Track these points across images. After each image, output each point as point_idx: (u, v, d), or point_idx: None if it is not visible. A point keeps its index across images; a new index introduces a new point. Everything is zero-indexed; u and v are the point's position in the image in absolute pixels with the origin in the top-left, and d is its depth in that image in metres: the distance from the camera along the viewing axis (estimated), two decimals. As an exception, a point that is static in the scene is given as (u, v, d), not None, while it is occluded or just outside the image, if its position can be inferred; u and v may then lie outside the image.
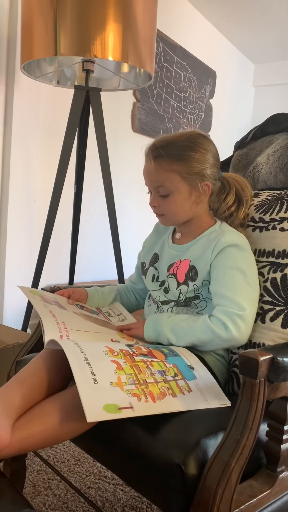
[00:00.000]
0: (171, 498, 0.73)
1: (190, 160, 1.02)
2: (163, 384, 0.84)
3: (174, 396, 0.83)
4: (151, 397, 0.80)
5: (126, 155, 2.86)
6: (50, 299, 1.11)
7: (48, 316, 0.99)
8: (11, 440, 0.74)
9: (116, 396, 0.77)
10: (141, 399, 0.79)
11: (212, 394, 0.87)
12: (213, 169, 1.05)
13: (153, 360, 0.90)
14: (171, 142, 1.03)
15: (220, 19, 3.46)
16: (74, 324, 1.01)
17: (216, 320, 0.97)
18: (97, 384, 0.77)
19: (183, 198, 1.04)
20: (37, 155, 2.23)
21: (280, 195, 1.11)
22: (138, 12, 1.69)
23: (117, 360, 0.86)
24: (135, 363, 0.87)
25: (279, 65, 4.20)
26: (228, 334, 0.95)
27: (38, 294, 1.11)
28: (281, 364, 0.73)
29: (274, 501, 0.79)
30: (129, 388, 0.80)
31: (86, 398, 0.74)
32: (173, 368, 0.90)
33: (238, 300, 0.97)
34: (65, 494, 1.28)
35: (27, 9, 1.70)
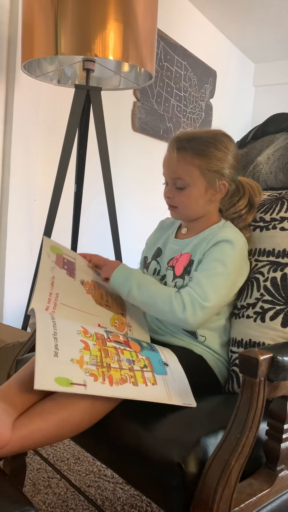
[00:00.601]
0: (171, 497, 0.73)
1: (212, 157, 1.03)
2: (127, 372, 0.84)
3: (135, 385, 0.83)
4: (109, 380, 0.80)
5: (126, 154, 2.86)
6: (66, 260, 1.11)
7: (44, 284, 1.00)
8: (11, 438, 0.75)
9: (71, 372, 0.78)
10: (97, 379, 0.79)
11: (178, 392, 0.87)
12: (231, 170, 1.07)
13: (125, 349, 0.91)
14: (196, 137, 1.05)
15: (221, 18, 3.46)
16: (68, 299, 1.01)
17: (179, 298, 0.99)
18: (57, 357, 0.79)
19: (199, 194, 1.06)
20: (37, 154, 2.23)
21: (281, 195, 1.12)
22: (139, 11, 1.69)
23: (87, 341, 0.86)
24: (105, 347, 0.88)
25: (280, 65, 4.19)
26: (183, 316, 0.98)
27: (57, 252, 1.11)
28: (281, 363, 0.73)
29: (274, 500, 0.80)
30: (88, 367, 0.81)
31: (40, 366, 0.75)
32: (144, 360, 0.90)
33: (208, 291, 0.98)
34: (65, 492, 1.28)
35: (28, 8, 1.70)
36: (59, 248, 1.14)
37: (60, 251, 1.13)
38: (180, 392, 0.87)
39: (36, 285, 0.99)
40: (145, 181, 2.98)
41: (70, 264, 1.11)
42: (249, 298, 1.04)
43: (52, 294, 0.99)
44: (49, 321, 0.86)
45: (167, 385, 0.87)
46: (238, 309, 1.06)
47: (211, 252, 1.03)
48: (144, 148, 2.98)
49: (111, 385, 0.80)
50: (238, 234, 1.06)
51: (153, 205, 3.06)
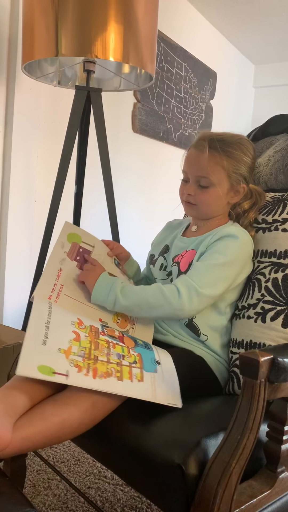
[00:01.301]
0: (172, 498, 0.73)
1: (240, 160, 1.06)
2: (114, 366, 0.84)
3: (119, 380, 0.82)
4: (93, 373, 0.80)
5: (126, 155, 2.86)
6: (82, 250, 1.10)
7: (50, 274, 1.00)
8: (12, 439, 0.74)
9: (56, 361, 0.78)
10: (81, 371, 0.79)
11: (165, 391, 0.85)
12: (250, 175, 1.11)
13: (118, 343, 0.91)
14: (226, 139, 1.07)
15: (221, 20, 3.47)
16: (73, 291, 1.02)
17: (172, 286, 0.99)
18: (44, 346, 0.79)
19: (222, 194, 1.07)
20: (37, 155, 2.23)
21: (283, 196, 1.12)
22: (139, 13, 1.69)
23: (79, 332, 0.87)
24: (97, 340, 0.88)
25: (280, 66, 4.20)
26: (178, 302, 0.97)
27: (74, 241, 1.10)
28: (282, 364, 0.73)
29: (274, 502, 0.80)
30: (74, 358, 0.81)
31: (25, 353, 0.76)
32: (135, 356, 0.90)
33: (205, 279, 0.99)
34: (65, 494, 1.28)
35: (28, 9, 1.70)
36: (79, 235, 1.13)
37: (78, 238, 1.12)
38: (167, 391, 0.86)
39: (42, 274, 1.00)
40: (146, 182, 2.98)
41: (85, 253, 1.11)
42: (250, 298, 1.04)
43: (57, 284, 1.00)
44: (45, 310, 0.87)
45: (154, 383, 0.86)
46: (239, 310, 1.06)
47: (215, 245, 1.04)
48: (145, 149, 2.98)
49: (94, 377, 0.80)
50: (242, 231, 1.07)
51: (154, 206, 3.06)
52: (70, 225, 1.14)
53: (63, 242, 1.09)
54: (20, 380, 0.86)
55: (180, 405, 0.84)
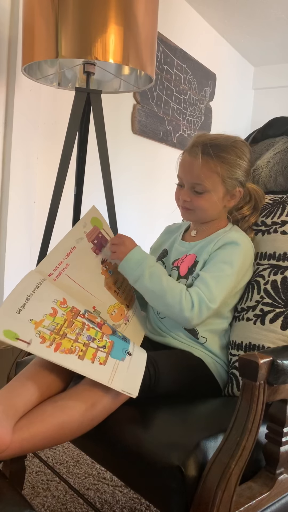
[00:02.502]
0: (171, 500, 0.73)
1: (234, 165, 1.05)
2: (80, 345, 0.85)
3: (80, 359, 0.83)
4: (56, 347, 0.82)
5: (126, 157, 2.86)
6: (100, 236, 1.11)
7: (59, 253, 1.01)
8: (12, 441, 0.75)
9: (23, 329, 0.80)
10: (44, 343, 0.81)
11: (123, 379, 0.83)
12: (247, 178, 1.09)
13: (94, 328, 0.92)
14: (220, 144, 1.05)
15: (220, 22, 3.47)
16: (76, 273, 1.03)
17: (189, 297, 0.99)
18: (18, 314, 0.82)
19: (217, 199, 1.06)
20: (37, 157, 2.23)
21: (282, 199, 1.12)
22: (139, 14, 1.70)
23: (58, 309, 0.88)
24: (73, 320, 0.89)
25: (279, 68, 4.20)
26: (189, 314, 0.98)
27: (95, 224, 1.11)
28: (281, 366, 0.74)
29: (273, 503, 0.80)
30: (42, 330, 0.83)
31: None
32: (107, 342, 0.90)
33: (215, 293, 0.99)
34: (64, 495, 1.28)
35: (28, 11, 1.70)
36: (101, 222, 1.14)
37: (100, 224, 1.13)
38: (125, 379, 0.84)
39: (54, 248, 1.00)
40: (145, 183, 2.99)
41: (103, 240, 1.12)
42: (249, 301, 1.04)
43: (62, 263, 1.01)
44: (33, 283, 0.90)
45: (116, 369, 0.85)
46: (238, 312, 1.07)
47: (218, 253, 1.04)
48: (144, 150, 2.99)
49: (55, 351, 0.81)
50: (244, 237, 1.07)
51: (153, 207, 3.07)
52: (96, 210, 1.14)
53: (86, 223, 1.09)
54: (20, 381, 0.87)
55: (134, 394, 0.82)
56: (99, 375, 0.82)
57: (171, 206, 1.35)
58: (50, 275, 0.98)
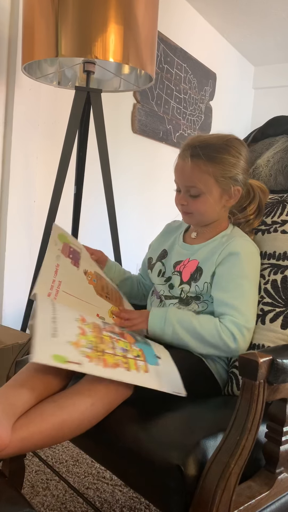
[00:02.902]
0: (170, 499, 0.73)
1: (227, 164, 1.02)
2: (121, 358, 0.85)
3: (127, 370, 0.83)
4: (104, 363, 0.81)
5: (126, 156, 2.86)
6: (72, 249, 1.12)
7: (48, 271, 1.01)
8: (11, 440, 0.75)
9: (68, 352, 0.79)
10: (92, 361, 0.80)
11: (168, 381, 0.87)
12: (244, 175, 1.06)
13: (120, 339, 0.92)
14: (209, 143, 1.03)
15: (221, 21, 3.47)
16: (70, 287, 1.03)
17: (226, 329, 0.97)
18: (55, 338, 0.81)
19: (214, 200, 1.04)
20: (37, 156, 2.23)
21: (282, 198, 1.12)
22: (139, 13, 1.69)
23: (84, 328, 0.88)
24: (101, 335, 0.89)
25: (279, 68, 4.20)
26: (235, 345, 0.96)
27: (64, 241, 1.12)
28: (281, 365, 0.73)
29: (273, 503, 0.80)
30: (84, 350, 0.82)
31: (39, 342, 0.77)
32: (138, 351, 0.91)
33: (247, 312, 0.98)
34: (63, 494, 1.28)
35: (28, 10, 1.70)
36: (67, 237, 1.15)
37: (68, 240, 1.14)
38: (170, 381, 0.87)
39: (40, 271, 1.00)
40: (145, 183, 2.99)
41: (76, 254, 1.12)
42: (249, 300, 1.04)
43: (55, 281, 1.00)
44: (49, 306, 0.88)
45: (158, 374, 0.87)
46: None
47: (226, 268, 1.01)
48: (144, 150, 2.99)
49: (105, 367, 0.81)
50: (248, 242, 1.06)
51: (153, 206, 3.06)
52: (58, 228, 1.15)
53: (56, 241, 1.10)
54: (19, 380, 0.86)
55: (184, 393, 0.86)
56: (149, 382, 0.84)
57: (171, 205, 1.35)
58: (49, 295, 0.97)
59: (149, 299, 1.20)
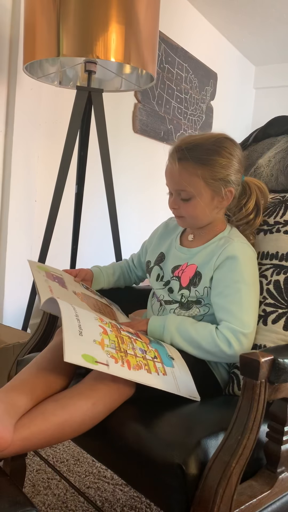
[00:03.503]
0: (172, 498, 0.73)
1: (216, 165, 0.99)
2: (141, 360, 0.86)
3: (149, 372, 0.84)
4: (128, 365, 0.82)
5: (127, 156, 2.86)
6: (55, 276, 1.13)
7: (45, 289, 1.01)
8: (13, 439, 0.75)
9: (96, 351, 0.79)
10: (118, 362, 0.81)
11: (185, 385, 0.89)
12: (237, 175, 1.03)
13: (137, 339, 0.93)
14: (197, 145, 1.00)
15: (222, 21, 3.47)
16: (69, 301, 1.02)
17: (221, 335, 0.96)
18: (82, 336, 0.81)
19: (205, 203, 1.02)
20: (38, 155, 2.23)
21: (284, 198, 1.12)
22: (141, 13, 1.70)
23: (104, 327, 0.88)
24: (120, 335, 0.90)
25: (280, 67, 4.20)
26: (231, 351, 0.95)
27: (44, 270, 1.12)
28: (282, 365, 0.74)
29: (274, 502, 0.80)
30: (109, 350, 0.82)
31: (69, 341, 0.77)
32: (154, 352, 0.92)
33: (243, 317, 0.96)
34: (64, 493, 1.28)
35: (30, 10, 1.70)
36: (45, 267, 1.16)
37: (47, 269, 1.15)
38: (185, 385, 0.89)
39: (38, 288, 1.00)
40: (146, 182, 2.99)
41: (60, 279, 1.13)
42: (251, 301, 1.04)
43: (54, 296, 1.00)
44: (69, 305, 0.88)
45: (175, 377, 0.88)
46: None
47: (224, 273, 1.00)
48: (145, 149, 2.99)
49: (129, 369, 0.81)
50: (245, 245, 1.03)
51: (154, 206, 3.07)
52: (33, 262, 1.16)
53: (38, 271, 1.10)
54: (21, 380, 0.87)
55: (198, 398, 0.88)
56: (169, 386, 0.85)
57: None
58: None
59: (149, 302, 1.20)
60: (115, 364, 0.80)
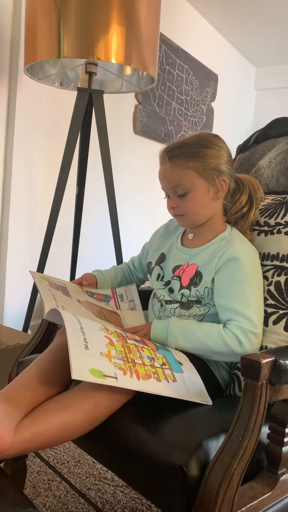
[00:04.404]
0: (173, 500, 0.73)
1: (205, 156, 1.03)
2: (150, 368, 0.85)
3: (158, 381, 0.84)
4: (136, 375, 0.81)
5: (127, 157, 2.86)
6: (58, 285, 1.12)
7: (49, 298, 1.01)
8: (13, 440, 0.75)
9: (103, 364, 0.79)
10: (126, 373, 0.80)
11: (195, 390, 0.88)
12: (227, 166, 1.06)
13: (144, 347, 0.92)
14: (184, 143, 1.05)
15: (222, 23, 3.48)
16: (74, 311, 1.02)
17: (230, 334, 0.95)
18: (88, 350, 0.80)
19: (202, 195, 1.04)
20: (39, 157, 2.24)
21: (285, 199, 1.12)
22: (141, 15, 1.70)
23: (110, 337, 0.88)
24: (127, 344, 0.89)
25: (281, 69, 4.21)
26: (242, 350, 0.94)
27: (47, 280, 1.12)
28: (283, 366, 0.74)
29: (275, 503, 0.80)
30: (116, 361, 0.82)
31: (75, 357, 0.76)
32: (162, 358, 0.91)
33: (252, 316, 0.96)
34: (65, 495, 1.28)
35: (31, 11, 1.70)
36: (48, 277, 1.16)
37: (50, 279, 1.15)
38: (196, 390, 0.89)
39: (42, 298, 1.00)
40: (146, 183, 2.99)
41: (63, 288, 1.13)
42: (252, 302, 1.04)
43: (58, 306, 1.00)
44: (73, 317, 0.88)
45: (185, 382, 0.88)
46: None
47: (227, 274, 1.00)
48: (146, 151, 2.99)
49: (138, 379, 0.81)
50: (246, 245, 1.04)
51: (154, 207, 3.07)
52: (35, 272, 1.16)
53: (41, 281, 1.10)
54: (22, 381, 0.87)
55: (210, 402, 0.87)
56: (179, 392, 0.84)
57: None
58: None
59: (150, 302, 1.20)
60: (124, 376, 0.79)
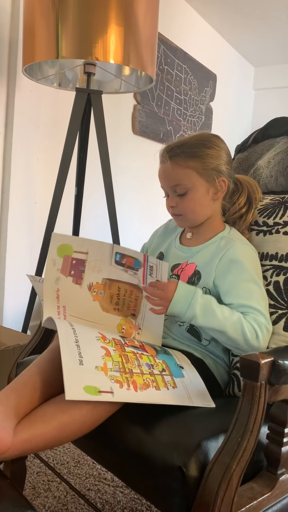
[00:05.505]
0: (172, 500, 0.73)
1: (205, 156, 1.03)
2: (148, 377, 0.85)
3: (157, 389, 0.83)
4: (134, 386, 0.81)
5: (126, 157, 2.86)
6: (75, 261, 1.03)
7: (51, 298, 0.99)
8: (13, 442, 0.75)
9: (98, 380, 0.78)
10: (123, 386, 0.80)
11: (197, 394, 0.88)
12: (227, 166, 1.07)
13: (143, 353, 0.92)
14: (185, 142, 1.05)
15: (221, 22, 3.47)
16: (76, 310, 1.01)
17: (249, 325, 0.94)
18: (82, 365, 0.79)
19: (201, 194, 1.04)
20: (38, 157, 2.23)
21: (284, 199, 1.12)
22: (140, 15, 1.70)
23: (107, 347, 0.87)
24: (125, 353, 0.88)
25: (280, 68, 4.21)
26: (256, 343, 0.94)
27: (64, 254, 1.02)
28: (282, 367, 0.74)
29: (275, 504, 0.80)
30: (113, 374, 0.81)
31: (68, 377, 0.76)
32: (161, 364, 0.91)
33: (265, 313, 0.97)
34: (65, 496, 1.28)
35: (29, 12, 1.70)
36: (70, 245, 1.05)
37: (70, 249, 1.04)
38: (198, 393, 0.88)
39: (44, 298, 0.99)
40: (145, 183, 2.99)
41: (79, 265, 1.04)
42: (251, 302, 1.04)
43: (60, 307, 0.99)
44: (69, 328, 0.87)
45: (186, 387, 0.88)
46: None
47: (235, 275, 0.99)
48: (144, 151, 2.99)
49: (135, 391, 0.80)
50: (246, 246, 1.04)
51: (153, 207, 3.07)
52: (58, 236, 1.04)
53: (54, 259, 1.03)
54: (21, 382, 0.87)
55: (213, 405, 0.86)
56: (180, 399, 0.84)
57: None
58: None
59: None
60: (120, 390, 0.79)
